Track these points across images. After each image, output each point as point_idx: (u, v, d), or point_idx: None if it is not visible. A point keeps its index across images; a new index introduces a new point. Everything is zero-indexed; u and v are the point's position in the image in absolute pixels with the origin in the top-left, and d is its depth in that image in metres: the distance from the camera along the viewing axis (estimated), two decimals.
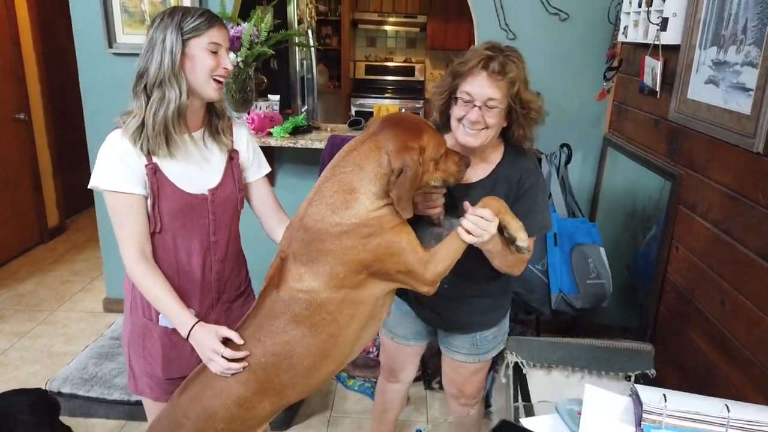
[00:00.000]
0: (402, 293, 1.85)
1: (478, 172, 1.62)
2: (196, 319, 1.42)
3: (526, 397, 1.97)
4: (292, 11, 4.34)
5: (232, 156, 1.60)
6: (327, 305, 1.33)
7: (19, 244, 4.24)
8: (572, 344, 2.08)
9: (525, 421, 1.35)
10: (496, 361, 2.12)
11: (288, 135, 2.97)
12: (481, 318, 1.80)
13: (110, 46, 2.99)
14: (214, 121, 1.57)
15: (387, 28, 6.66)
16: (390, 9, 6.50)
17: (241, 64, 2.83)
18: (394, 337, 1.93)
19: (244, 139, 1.64)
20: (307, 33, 4.72)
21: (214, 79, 1.46)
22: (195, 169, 1.51)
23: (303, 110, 4.71)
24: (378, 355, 2.84)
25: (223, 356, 1.33)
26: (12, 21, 4.10)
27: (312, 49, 4.75)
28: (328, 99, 6.48)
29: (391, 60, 6.85)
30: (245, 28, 2.80)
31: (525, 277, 2.46)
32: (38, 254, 4.26)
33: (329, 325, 1.35)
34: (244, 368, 1.34)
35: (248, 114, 2.99)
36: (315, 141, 2.92)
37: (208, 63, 1.43)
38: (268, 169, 1.71)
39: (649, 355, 2.05)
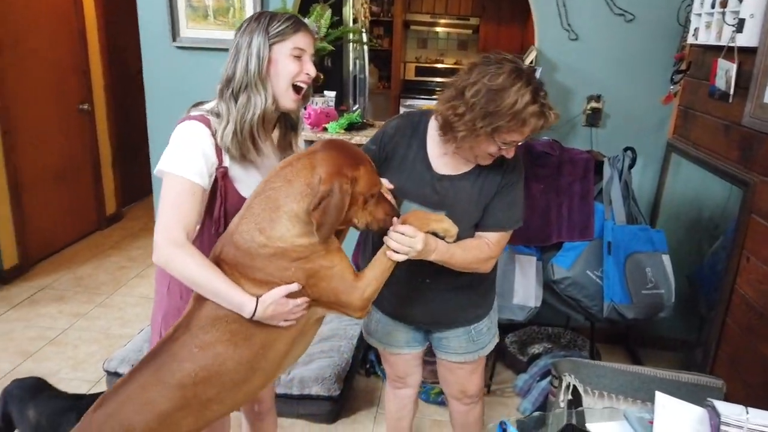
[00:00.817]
0: (379, 303, 1.82)
1: (463, 165, 1.59)
2: (246, 297, 1.33)
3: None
4: (348, 10, 4.37)
5: None
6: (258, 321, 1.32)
7: (79, 230, 4.39)
8: (635, 373, 1.97)
9: (591, 427, 1.31)
10: (552, 383, 2.05)
11: (343, 131, 2.99)
12: (472, 309, 1.75)
13: (174, 40, 3.06)
14: (288, 134, 1.55)
15: (439, 29, 6.64)
16: (442, 10, 6.47)
17: None
18: (387, 347, 1.86)
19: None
20: (362, 32, 4.74)
21: (294, 87, 1.43)
22: (256, 177, 1.49)
23: (355, 108, 4.76)
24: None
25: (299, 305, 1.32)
26: (79, 15, 4.25)
27: (365, 48, 4.78)
28: (377, 99, 6.49)
29: (442, 62, 6.81)
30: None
31: (582, 282, 2.40)
32: (96, 240, 4.41)
33: (261, 336, 1.32)
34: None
35: (305, 109, 3.02)
36: (369, 137, 2.92)
37: (290, 68, 1.40)
38: None
39: (719, 392, 1.92)
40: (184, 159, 1.36)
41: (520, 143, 1.49)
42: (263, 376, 1.37)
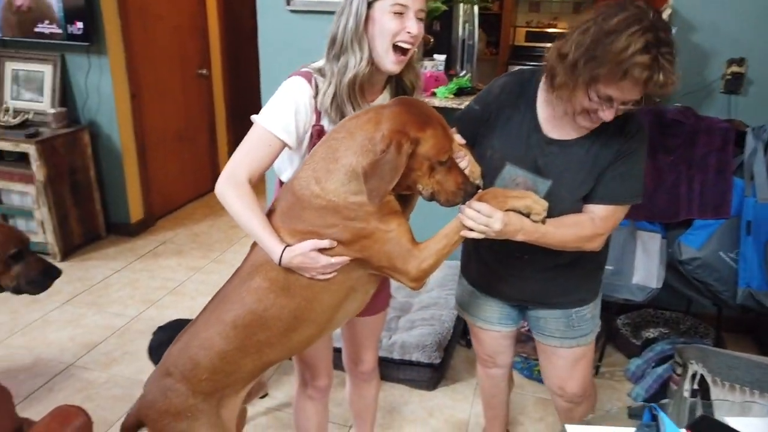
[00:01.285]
0: (467, 273, 1.73)
1: (577, 129, 1.41)
2: (278, 241, 1.30)
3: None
4: None
5: None
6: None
7: (196, 189, 4.66)
8: None
9: (730, 420, 1.18)
10: (675, 370, 1.89)
11: (452, 96, 2.90)
12: (576, 292, 1.59)
13: (288, 4, 3.09)
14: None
15: None
16: None
17: None
18: (477, 321, 1.75)
19: None
20: None
21: (395, 47, 1.33)
22: None
23: (463, 74, 4.62)
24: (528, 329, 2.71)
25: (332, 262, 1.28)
26: None
27: (476, 11, 4.59)
28: (484, 66, 6.25)
29: (555, 26, 6.43)
30: None
31: (714, 264, 2.19)
32: (211, 200, 4.65)
33: (303, 290, 1.30)
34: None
35: None
36: None
37: (390, 26, 1.31)
38: None
39: None
40: (274, 112, 1.37)
41: (626, 106, 1.27)
42: (314, 327, 1.37)
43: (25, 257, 1.87)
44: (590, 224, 1.39)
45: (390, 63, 1.35)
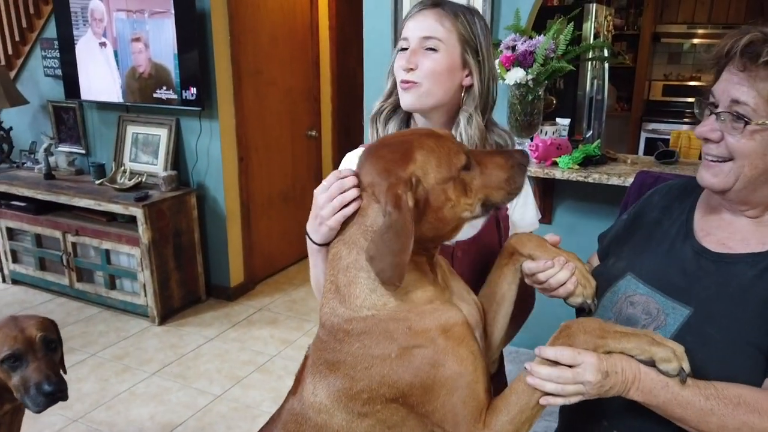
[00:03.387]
0: None
1: (749, 240, 0.95)
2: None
3: None
4: (588, 25, 3.82)
5: (499, 206, 1.21)
6: None
7: (299, 252, 4.52)
8: None
9: None
10: None
11: (577, 166, 2.48)
12: None
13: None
14: None
15: (696, 41, 5.61)
16: (704, 19, 5.45)
17: (530, 83, 2.45)
18: None
19: None
20: (602, 49, 4.13)
21: (401, 85, 1.17)
22: None
23: (588, 135, 4.16)
24: None
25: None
26: (314, 45, 4.41)
27: (606, 66, 4.17)
28: (613, 123, 5.71)
29: (698, 79, 5.75)
30: (541, 41, 2.40)
31: None
32: None
33: None
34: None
35: (531, 140, 2.58)
36: (612, 176, 2.37)
37: (397, 63, 1.19)
38: (534, 223, 1.28)
39: None
40: None
41: (719, 110, 0.91)
42: None
43: (26, 361, 1.57)
44: None
45: (401, 97, 1.19)
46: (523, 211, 1.26)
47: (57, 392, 1.58)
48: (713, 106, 0.94)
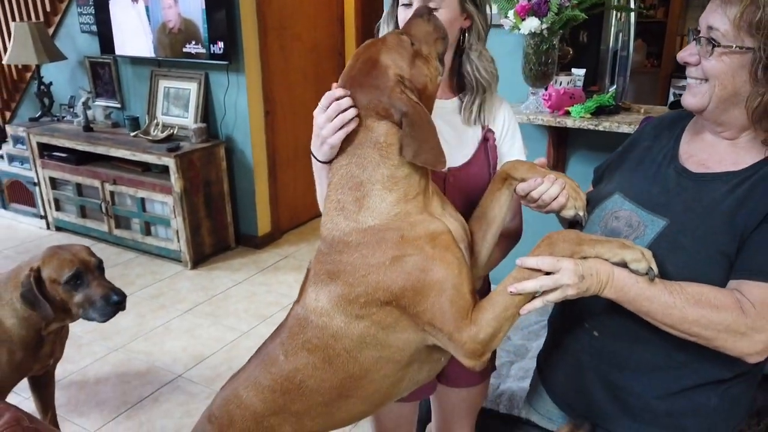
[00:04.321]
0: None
1: (724, 159, 1.04)
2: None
3: None
4: None
5: (487, 136, 1.32)
6: (342, 339, 1.05)
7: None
8: None
9: None
10: None
11: (589, 115, 2.53)
12: (680, 405, 1.07)
13: None
14: (468, 95, 1.32)
15: None
16: None
17: (545, 32, 2.49)
18: (533, 414, 1.35)
19: (501, 117, 1.36)
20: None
21: None
22: None
23: (611, 89, 4.14)
24: None
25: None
26: (339, 1, 4.46)
27: (632, 20, 4.10)
28: (641, 79, 5.62)
29: None
30: None
31: None
32: None
33: (347, 364, 1.05)
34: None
35: (545, 89, 2.63)
36: (622, 124, 2.42)
37: (400, 16, 1.27)
38: (520, 155, 1.37)
39: None
40: None
41: (699, 36, 0.98)
42: (364, 404, 1.14)
43: (86, 281, 1.80)
44: (737, 309, 0.93)
45: None
46: (512, 143, 1.36)
47: (122, 301, 1.83)
48: (697, 32, 1.02)
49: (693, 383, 1.04)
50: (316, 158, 1.17)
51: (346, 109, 1.04)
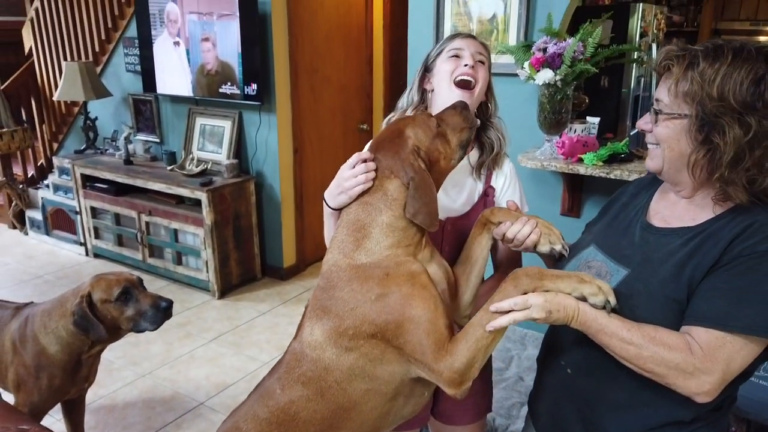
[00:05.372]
0: None
1: (683, 217, 1.14)
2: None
3: None
4: (634, 24, 3.87)
5: (488, 192, 1.45)
6: (333, 371, 1.15)
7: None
8: None
9: None
10: None
11: (602, 163, 2.61)
12: None
13: None
14: (483, 155, 1.47)
15: (762, 38, 5.47)
16: None
17: (558, 83, 2.59)
18: None
19: (503, 175, 1.50)
20: (650, 47, 4.16)
21: (456, 83, 1.41)
22: (440, 193, 1.37)
23: (631, 134, 4.20)
24: None
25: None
26: (368, 44, 4.66)
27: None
28: None
29: None
30: (569, 44, 2.54)
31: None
32: None
33: (337, 396, 1.14)
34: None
35: (559, 137, 2.72)
36: (633, 172, 2.49)
37: (445, 68, 1.42)
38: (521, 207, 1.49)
39: None
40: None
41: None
42: None
43: (134, 296, 1.97)
44: (686, 350, 1.01)
45: (457, 98, 1.37)
46: (511, 195, 1.47)
47: (170, 307, 2.00)
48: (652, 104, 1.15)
49: (655, 423, 1.11)
50: (327, 204, 1.29)
51: (368, 171, 1.19)
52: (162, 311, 1.99)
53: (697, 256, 1.06)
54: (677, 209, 1.16)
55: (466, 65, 1.40)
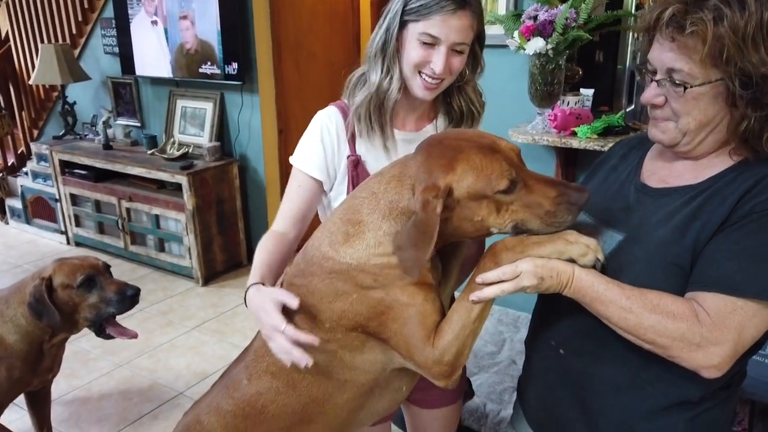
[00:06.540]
0: None
1: (684, 175, 1.02)
2: (256, 280, 1.12)
3: None
4: None
5: None
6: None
7: None
8: None
9: None
10: None
11: (596, 136, 2.48)
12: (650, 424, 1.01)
13: None
14: (449, 125, 1.32)
15: None
16: None
17: (550, 53, 2.46)
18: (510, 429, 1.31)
19: None
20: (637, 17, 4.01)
21: (421, 75, 1.19)
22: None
23: (629, 109, 4.06)
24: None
25: (285, 333, 0.99)
26: (355, 19, 4.52)
27: None
28: None
29: None
30: (561, 10, 2.40)
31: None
32: None
33: (311, 388, 1.04)
34: (307, 365, 0.98)
35: (551, 110, 2.59)
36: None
37: (413, 56, 1.17)
38: None
39: None
40: (300, 149, 1.30)
41: (658, 78, 0.96)
42: (326, 430, 1.13)
43: (99, 282, 1.87)
44: (693, 318, 0.90)
45: (418, 88, 1.21)
46: None
47: (137, 294, 1.90)
48: (652, 73, 0.99)
49: (660, 405, 1.00)
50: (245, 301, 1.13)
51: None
52: (129, 299, 1.89)
53: (701, 216, 0.94)
54: (676, 167, 1.04)
55: (433, 68, 1.16)
